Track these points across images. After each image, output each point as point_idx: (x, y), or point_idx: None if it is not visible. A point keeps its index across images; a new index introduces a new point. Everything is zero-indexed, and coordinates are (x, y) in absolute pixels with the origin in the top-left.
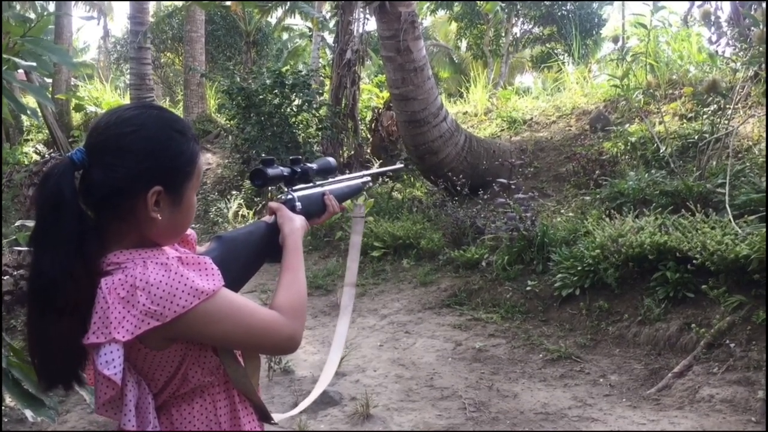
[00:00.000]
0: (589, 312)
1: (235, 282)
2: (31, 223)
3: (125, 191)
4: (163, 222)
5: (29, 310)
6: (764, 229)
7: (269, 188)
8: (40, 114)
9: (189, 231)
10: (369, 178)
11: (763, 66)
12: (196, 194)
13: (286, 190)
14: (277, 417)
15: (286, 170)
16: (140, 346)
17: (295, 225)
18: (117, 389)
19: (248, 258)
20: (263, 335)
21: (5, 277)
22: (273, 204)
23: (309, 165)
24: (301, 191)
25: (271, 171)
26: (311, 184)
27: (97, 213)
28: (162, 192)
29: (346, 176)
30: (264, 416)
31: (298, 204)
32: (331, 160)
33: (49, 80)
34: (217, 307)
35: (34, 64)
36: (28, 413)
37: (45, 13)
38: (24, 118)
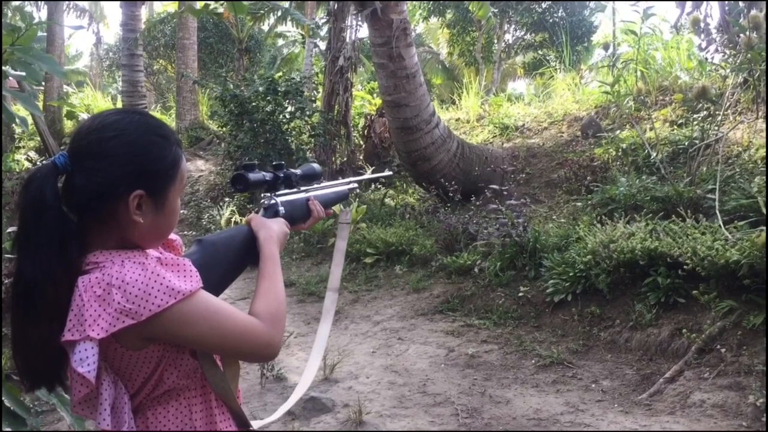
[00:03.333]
0: (581, 318)
1: (215, 286)
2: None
3: (107, 195)
4: (145, 225)
5: (12, 312)
6: (754, 235)
7: (262, 194)
8: (30, 122)
9: (175, 237)
10: (356, 185)
11: (752, 73)
12: (179, 198)
13: (269, 195)
14: (256, 424)
15: (268, 175)
16: (117, 346)
17: (270, 232)
18: (91, 387)
19: (229, 262)
20: (240, 340)
21: None
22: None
23: (292, 170)
24: (285, 196)
25: (252, 176)
26: (296, 190)
27: (80, 216)
28: (144, 196)
29: (333, 182)
30: (242, 422)
31: (281, 208)
32: (316, 166)
33: (41, 88)
34: (194, 308)
35: (24, 73)
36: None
37: (34, 22)
38: (15, 126)
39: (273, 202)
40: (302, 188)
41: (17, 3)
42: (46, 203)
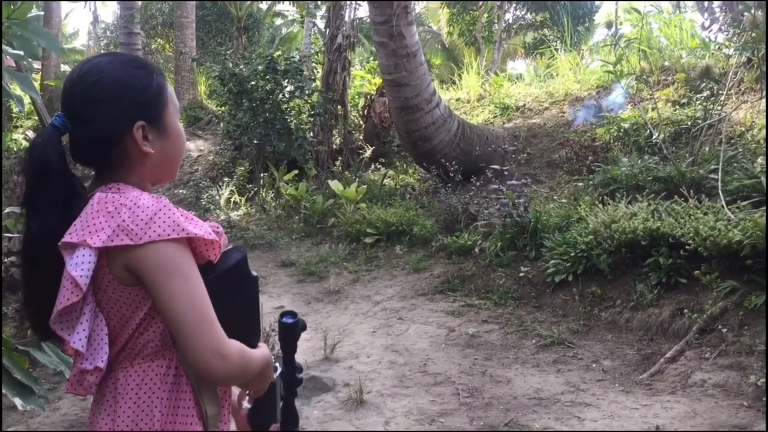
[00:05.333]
0: (581, 298)
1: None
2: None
3: (110, 137)
4: (157, 155)
5: (22, 269)
6: (756, 215)
7: (261, 175)
8: (27, 101)
9: (222, 238)
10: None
11: (756, 52)
12: (179, 121)
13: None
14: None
15: None
16: (106, 271)
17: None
18: (79, 295)
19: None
20: (201, 325)
21: None
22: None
23: None
24: None
25: None
26: None
27: (96, 167)
28: (145, 126)
29: None
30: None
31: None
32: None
33: (38, 66)
34: (186, 256)
35: (22, 52)
36: (18, 401)
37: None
38: (12, 104)
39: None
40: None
41: None
42: (50, 164)
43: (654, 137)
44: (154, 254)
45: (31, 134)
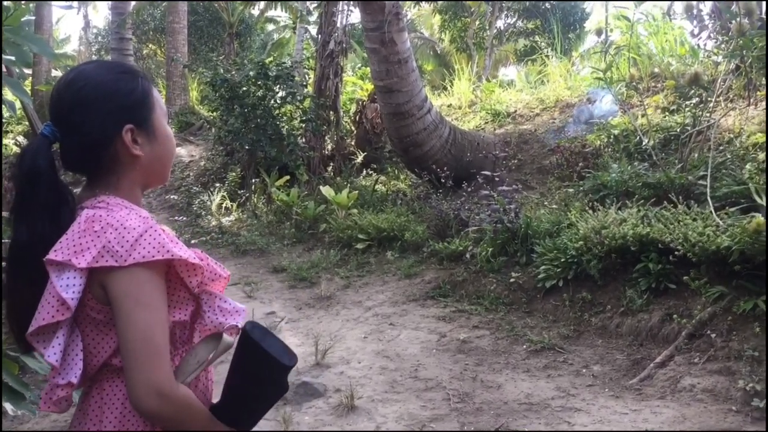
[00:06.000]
0: (572, 303)
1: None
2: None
3: (100, 141)
4: (147, 158)
5: (8, 277)
6: (744, 221)
7: (252, 180)
8: (18, 106)
9: (226, 272)
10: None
11: (744, 59)
12: (167, 123)
13: None
14: None
15: None
16: (87, 289)
17: None
18: (67, 315)
19: None
20: (148, 360)
21: None
22: None
23: None
24: None
25: None
26: None
27: (87, 173)
28: (134, 129)
29: None
30: None
31: None
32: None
33: (29, 71)
34: (161, 286)
35: (13, 57)
36: (8, 406)
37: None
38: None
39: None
40: None
41: None
42: (40, 173)
43: (644, 144)
44: (129, 279)
45: (21, 139)
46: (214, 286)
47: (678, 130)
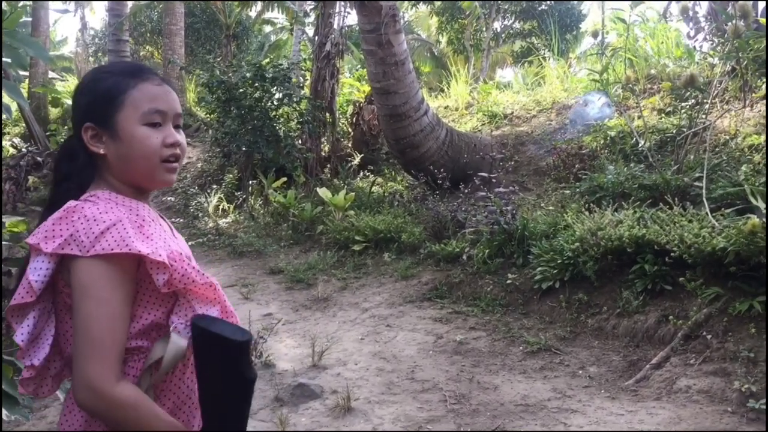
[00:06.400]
0: (568, 304)
1: None
2: (7, 219)
3: (78, 139)
4: (111, 157)
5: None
6: (740, 222)
7: (249, 182)
8: (14, 109)
9: (206, 279)
10: None
11: (739, 61)
12: (142, 126)
13: None
14: None
15: None
16: (59, 277)
17: None
18: (32, 297)
19: None
20: (89, 354)
21: None
22: None
23: None
24: None
25: None
26: None
27: (76, 169)
28: (93, 126)
29: None
30: None
31: None
32: None
33: (25, 73)
34: (119, 279)
35: (9, 60)
36: (2, 411)
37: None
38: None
39: None
40: None
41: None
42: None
43: (640, 145)
44: (88, 270)
45: (18, 141)
46: (197, 291)
47: (674, 131)
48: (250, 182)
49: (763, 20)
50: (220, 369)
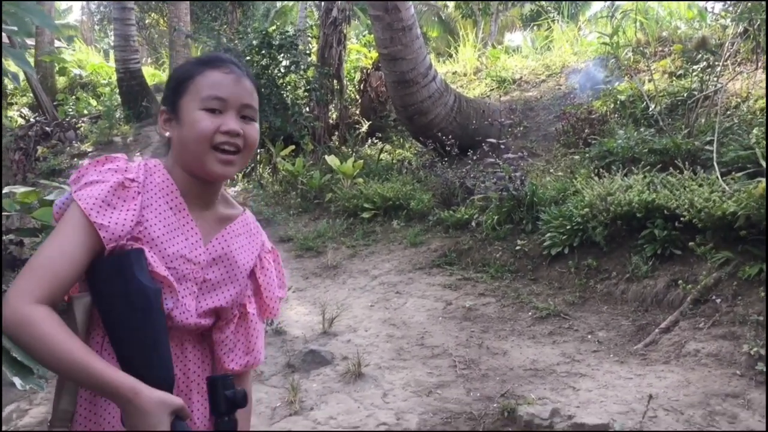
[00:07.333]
0: (577, 270)
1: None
2: (18, 189)
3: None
4: (176, 139)
5: None
6: (751, 186)
7: (258, 150)
8: (22, 78)
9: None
10: None
11: (752, 23)
12: (199, 110)
13: None
14: None
15: None
16: None
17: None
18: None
19: None
20: (23, 272)
21: None
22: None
23: None
24: None
25: None
26: None
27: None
28: (165, 110)
29: None
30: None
31: None
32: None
33: (32, 42)
34: (79, 221)
35: (15, 28)
36: (17, 381)
37: None
38: (7, 81)
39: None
40: None
41: None
42: None
43: (650, 109)
44: (70, 208)
45: (26, 111)
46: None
47: (685, 95)
48: (258, 150)
49: None
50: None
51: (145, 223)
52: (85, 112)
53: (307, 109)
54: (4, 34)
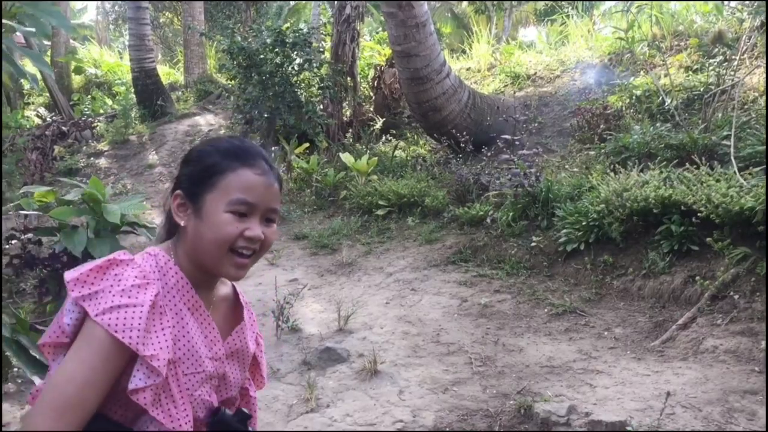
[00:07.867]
0: (593, 266)
1: None
2: (35, 189)
3: (170, 198)
4: (189, 230)
5: None
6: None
7: (272, 148)
8: (39, 78)
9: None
10: None
11: None
12: (225, 212)
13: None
14: None
15: None
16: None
17: None
18: (68, 338)
19: None
20: (42, 401)
21: (12, 241)
22: None
23: None
24: None
25: None
26: None
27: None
28: (182, 196)
29: None
30: None
31: None
32: None
33: (48, 43)
34: (104, 347)
35: (33, 29)
36: (36, 379)
37: None
38: (24, 82)
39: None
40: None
41: None
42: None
43: (666, 104)
44: (92, 330)
45: (42, 111)
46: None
47: (701, 89)
48: (273, 148)
49: None
50: None
51: (173, 338)
52: (101, 111)
53: (321, 106)
54: (20, 35)
